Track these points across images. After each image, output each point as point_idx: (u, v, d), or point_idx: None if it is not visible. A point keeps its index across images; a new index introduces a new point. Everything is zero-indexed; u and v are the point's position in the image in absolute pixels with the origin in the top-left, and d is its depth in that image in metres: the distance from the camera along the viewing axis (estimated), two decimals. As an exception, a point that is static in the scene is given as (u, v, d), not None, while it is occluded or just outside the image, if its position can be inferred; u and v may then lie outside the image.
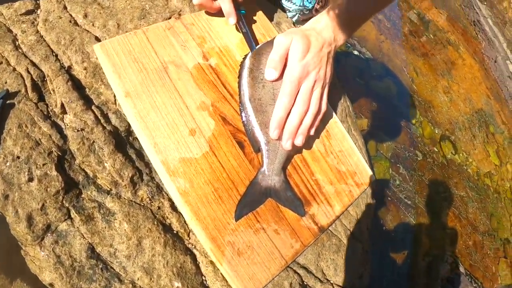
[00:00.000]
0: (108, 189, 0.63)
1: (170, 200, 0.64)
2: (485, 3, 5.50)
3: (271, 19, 0.87)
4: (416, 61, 3.66)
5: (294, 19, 0.99)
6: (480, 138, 3.67)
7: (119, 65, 0.64)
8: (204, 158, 0.61)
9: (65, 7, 0.74)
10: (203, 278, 0.62)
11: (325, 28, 0.68)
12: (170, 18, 0.77)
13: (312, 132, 0.66)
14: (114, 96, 0.66)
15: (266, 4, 0.92)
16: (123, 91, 0.62)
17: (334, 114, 0.77)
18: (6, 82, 0.64)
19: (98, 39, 0.72)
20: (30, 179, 0.58)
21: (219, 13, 0.74)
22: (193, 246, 0.63)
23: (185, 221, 0.63)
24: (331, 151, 0.73)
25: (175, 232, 0.63)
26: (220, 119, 0.65)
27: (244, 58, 0.69)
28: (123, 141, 0.67)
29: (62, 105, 0.65)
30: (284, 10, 0.98)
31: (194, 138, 0.62)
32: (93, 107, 0.66)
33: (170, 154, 0.60)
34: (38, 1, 0.74)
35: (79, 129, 0.64)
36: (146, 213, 0.62)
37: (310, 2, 0.97)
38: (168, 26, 0.71)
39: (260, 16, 0.81)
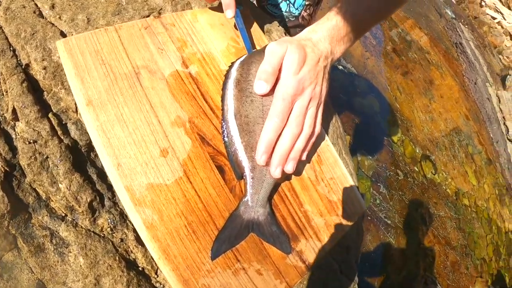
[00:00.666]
0: (63, 214, 0.54)
1: (135, 231, 0.54)
2: (467, 27, 5.62)
3: (261, 27, 0.78)
4: (399, 80, 3.68)
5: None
6: (459, 158, 3.71)
7: (83, 67, 0.54)
8: (177, 185, 0.51)
9: (31, -5, 0.65)
10: (173, 325, 0.52)
11: (322, 39, 0.61)
12: (148, 16, 0.68)
13: (304, 157, 0.58)
14: (76, 103, 0.57)
15: (255, 9, 0.84)
16: (85, 98, 0.52)
17: (326, 137, 0.69)
18: None
19: (63, 35, 0.63)
20: (-33, 200, 0.49)
21: (217, 8, 0.68)
22: (162, 286, 0.55)
23: (152, 257, 0.53)
24: (322, 178, 0.64)
25: (140, 269, 0.54)
26: (198, 138, 0.55)
27: (231, 67, 0.60)
28: (83, 158, 0.57)
29: (14, 110, 0.55)
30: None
31: (166, 160, 0.52)
32: (50, 115, 0.57)
33: (136, 178, 0.50)
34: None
35: (32, 140, 0.55)
36: (107, 245, 0.53)
37: (297, 9, 0.90)
38: (145, 25, 0.62)
39: (249, 22, 0.73)
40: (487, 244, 3.47)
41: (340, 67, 3.08)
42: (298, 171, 0.61)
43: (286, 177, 0.59)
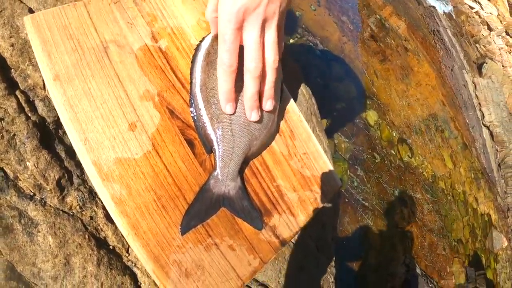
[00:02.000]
0: (31, 193, 0.52)
1: (105, 208, 0.53)
2: (445, 15, 5.69)
3: None
4: (376, 65, 3.71)
5: None
6: (436, 142, 3.78)
7: (50, 42, 0.52)
8: (146, 159, 0.50)
9: (-5, -29, 0.62)
10: (144, 302, 0.52)
11: None
12: (118, -8, 0.66)
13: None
14: (43, 80, 0.55)
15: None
16: (52, 73, 0.51)
17: (299, 112, 0.68)
18: None
19: (32, 11, 0.61)
20: None
21: None
22: (133, 264, 0.54)
23: (122, 234, 0.52)
24: (294, 153, 0.64)
25: (111, 247, 0.53)
26: (167, 111, 0.54)
27: (201, 41, 0.59)
28: (51, 135, 0.56)
29: (-22, 88, 0.53)
30: None
31: (134, 134, 0.51)
32: (17, 92, 0.55)
33: (103, 153, 0.49)
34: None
35: (-3, 118, 0.53)
36: (76, 224, 0.52)
37: None
38: (115, 0, 0.60)
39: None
40: (464, 226, 3.56)
41: (317, 51, 3.08)
42: (269, 146, 0.61)
43: (256, 151, 0.59)
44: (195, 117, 0.54)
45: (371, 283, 2.36)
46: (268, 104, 0.54)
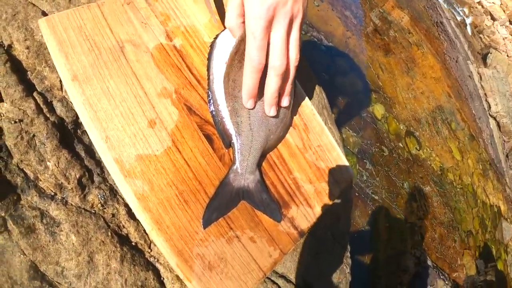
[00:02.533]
0: (52, 193, 0.53)
1: (126, 205, 0.54)
2: (449, 6, 5.66)
3: None
4: (381, 58, 3.70)
5: None
6: (443, 134, 3.77)
7: (66, 43, 0.53)
8: (166, 155, 0.51)
9: (8, -24, 0.63)
10: (168, 296, 0.53)
11: None
12: (130, -8, 0.67)
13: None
14: (60, 81, 0.56)
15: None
16: (70, 73, 0.51)
17: (311, 106, 0.69)
18: None
19: (45, 14, 0.62)
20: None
21: None
22: (156, 260, 0.54)
23: (145, 230, 0.53)
24: (309, 146, 0.65)
25: (133, 243, 0.54)
26: (185, 108, 0.55)
27: (216, 38, 0.60)
28: (70, 135, 0.56)
29: (-2, 91, 0.54)
30: None
31: (154, 131, 0.52)
32: (34, 94, 0.56)
33: (125, 150, 0.50)
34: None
35: (17, 120, 0.54)
36: (98, 222, 0.52)
37: None
38: (128, 0, 0.61)
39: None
40: (473, 218, 3.55)
41: (322, 47, 3.08)
42: (285, 139, 0.62)
43: (273, 144, 0.59)
44: (213, 112, 0.55)
45: (382, 276, 2.36)
46: (285, 101, 0.55)
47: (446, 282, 2.72)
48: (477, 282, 3.02)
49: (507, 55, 6.40)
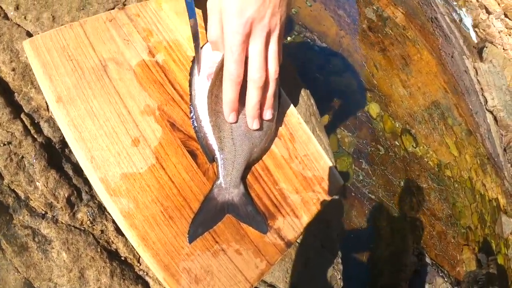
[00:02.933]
0: (43, 212, 0.54)
1: (114, 222, 0.55)
2: (443, 0, 5.66)
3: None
4: (375, 56, 3.71)
5: None
6: (439, 130, 3.77)
7: (50, 65, 0.54)
8: (150, 172, 0.52)
9: (-5, -3, 0.64)
10: (157, 309, 0.54)
11: None
12: (113, 8, 0.68)
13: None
14: (47, 101, 0.57)
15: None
16: (55, 95, 0.52)
17: (298, 114, 0.70)
18: None
19: (30, 35, 0.63)
20: None
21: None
22: (145, 273, 0.55)
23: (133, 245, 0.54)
24: (295, 156, 0.66)
25: (122, 258, 0.55)
26: (168, 124, 0.56)
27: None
28: (57, 155, 0.57)
29: (-15, 114, 0.55)
30: None
31: (138, 149, 0.53)
32: (22, 115, 0.57)
33: (110, 169, 0.50)
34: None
35: (6, 142, 0.55)
36: (88, 238, 0.53)
37: None
38: (110, 17, 0.62)
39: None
40: (472, 213, 3.55)
41: (316, 47, 3.09)
42: (269, 150, 0.63)
43: (257, 157, 0.60)
44: (196, 128, 0.56)
45: (382, 275, 2.36)
46: (268, 114, 0.56)
47: (446, 279, 2.73)
48: (478, 276, 3.02)
49: (503, 48, 6.41)
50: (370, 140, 2.94)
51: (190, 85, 0.58)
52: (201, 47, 0.61)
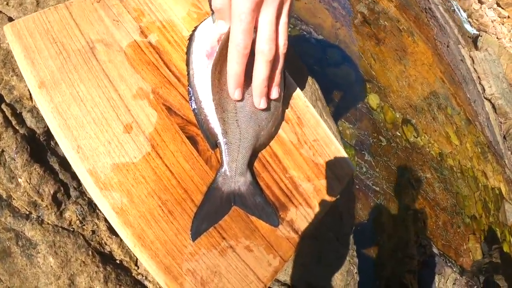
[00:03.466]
0: (27, 212, 0.48)
1: (107, 220, 0.49)
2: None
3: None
4: (372, 48, 3.67)
5: None
6: (440, 120, 3.75)
7: (32, 48, 0.49)
8: (146, 162, 0.46)
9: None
10: (159, 317, 0.48)
11: None
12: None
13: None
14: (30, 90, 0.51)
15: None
16: (37, 80, 0.47)
17: (304, 98, 0.64)
18: None
19: (12, 21, 0.57)
20: None
21: None
22: (144, 277, 0.50)
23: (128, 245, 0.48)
24: (304, 141, 0.60)
25: (117, 261, 0.49)
26: (164, 109, 0.50)
27: (194, 30, 0.55)
28: (42, 147, 0.52)
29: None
30: None
31: (131, 136, 0.47)
32: (2, 106, 0.52)
33: (99, 160, 0.44)
34: None
35: (-17, 135, 0.49)
36: (77, 240, 0.48)
37: None
38: (97, -2, 0.56)
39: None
40: (476, 202, 3.53)
41: (312, 39, 3.04)
42: (277, 135, 0.57)
43: (264, 142, 0.54)
44: (196, 110, 0.50)
45: (389, 267, 2.32)
46: (275, 92, 0.51)
47: (454, 269, 2.70)
48: (481, 264, 3.00)
49: (497, 37, 6.40)
50: (372, 131, 2.89)
51: (188, 64, 0.52)
52: (198, 25, 0.56)
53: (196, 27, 0.56)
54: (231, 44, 0.46)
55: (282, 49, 0.48)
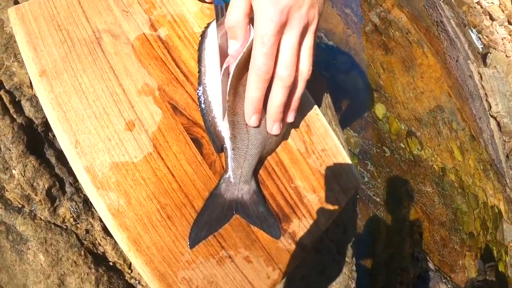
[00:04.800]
0: (19, 205, 0.46)
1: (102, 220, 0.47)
2: (448, 5, 5.63)
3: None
4: (381, 57, 3.65)
5: None
6: (444, 134, 3.73)
7: (36, 34, 0.47)
8: (146, 163, 0.44)
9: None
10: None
11: None
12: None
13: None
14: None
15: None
16: (38, 68, 0.45)
17: (315, 105, 0.62)
18: None
19: (17, 3, 0.56)
20: None
21: None
22: (137, 282, 0.48)
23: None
24: (312, 150, 0.58)
25: (111, 264, 0.47)
26: (169, 107, 0.48)
27: (207, 27, 0.53)
28: (39, 139, 0.50)
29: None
30: None
31: (133, 134, 0.45)
32: (1, 92, 0.50)
33: (98, 157, 0.42)
34: None
35: (-22, 122, 0.47)
36: (70, 239, 0.46)
37: None
38: (107, -14, 0.54)
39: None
40: (475, 219, 3.51)
41: (322, 44, 3.02)
42: (285, 143, 0.54)
43: (271, 149, 0.52)
44: (204, 111, 0.48)
45: (384, 280, 2.31)
46: (290, 117, 0.48)
47: (448, 285, 2.67)
48: (475, 282, 2.98)
49: (506, 55, 6.37)
50: (376, 141, 2.87)
51: (200, 61, 0.50)
52: (211, 22, 0.54)
53: (209, 24, 0.53)
54: (252, 67, 0.43)
55: (305, 76, 0.46)
